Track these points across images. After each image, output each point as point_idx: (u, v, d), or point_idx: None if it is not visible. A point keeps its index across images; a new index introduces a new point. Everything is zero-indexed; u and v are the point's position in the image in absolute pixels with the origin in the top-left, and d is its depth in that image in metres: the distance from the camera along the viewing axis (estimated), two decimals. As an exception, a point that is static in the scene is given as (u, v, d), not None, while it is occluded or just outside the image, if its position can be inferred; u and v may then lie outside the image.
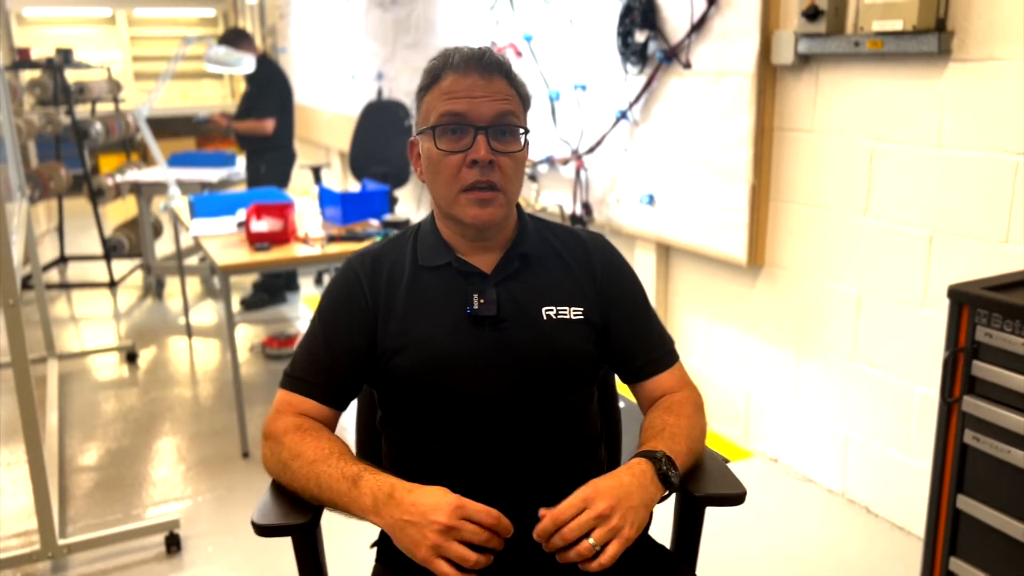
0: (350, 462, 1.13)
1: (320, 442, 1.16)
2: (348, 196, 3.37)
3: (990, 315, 1.67)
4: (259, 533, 1.13)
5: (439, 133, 1.19)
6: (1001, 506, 1.70)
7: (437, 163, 1.20)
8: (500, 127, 1.19)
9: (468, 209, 1.20)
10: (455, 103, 1.18)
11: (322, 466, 1.13)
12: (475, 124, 1.18)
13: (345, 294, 1.26)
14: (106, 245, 5.26)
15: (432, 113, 1.20)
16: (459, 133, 1.19)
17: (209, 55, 4.18)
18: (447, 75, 1.19)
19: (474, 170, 1.18)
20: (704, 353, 3.12)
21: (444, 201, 1.23)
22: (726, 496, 1.20)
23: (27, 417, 2.15)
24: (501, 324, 1.22)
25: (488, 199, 1.19)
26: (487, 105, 1.18)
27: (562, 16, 3.43)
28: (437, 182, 1.22)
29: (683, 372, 1.35)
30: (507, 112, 1.19)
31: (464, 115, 1.18)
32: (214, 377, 3.81)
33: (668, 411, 1.26)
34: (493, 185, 1.19)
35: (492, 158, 1.18)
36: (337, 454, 1.14)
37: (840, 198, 2.46)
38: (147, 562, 2.37)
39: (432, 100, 1.21)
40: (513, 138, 1.21)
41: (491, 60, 1.20)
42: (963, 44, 2.06)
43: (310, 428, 1.19)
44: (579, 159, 3.45)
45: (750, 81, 2.59)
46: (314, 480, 1.13)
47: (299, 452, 1.15)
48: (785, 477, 2.76)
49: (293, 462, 1.15)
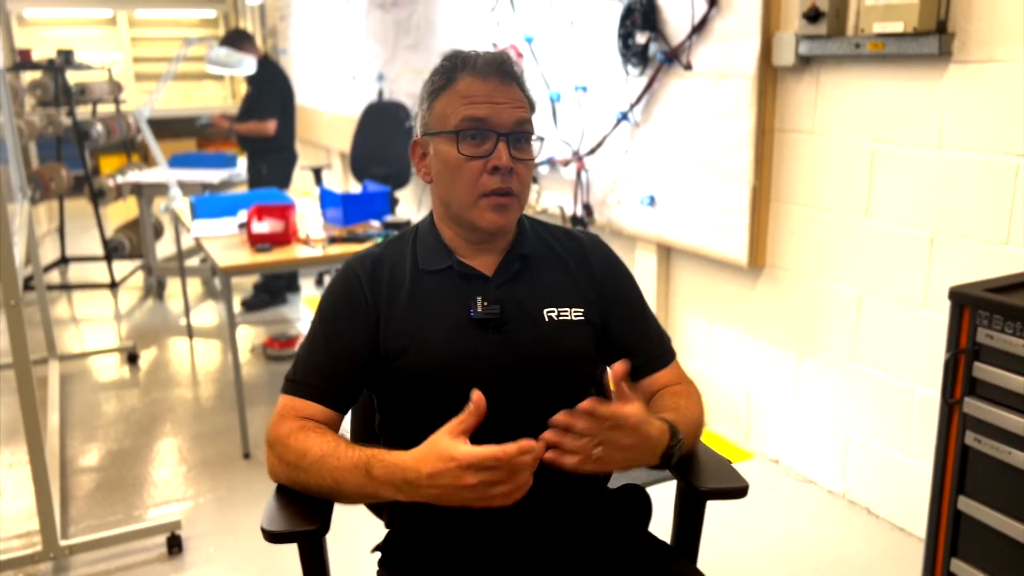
0: (356, 450, 1.11)
1: (324, 437, 1.15)
2: (349, 197, 3.37)
3: (991, 317, 1.67)
4: (269, 540, 1.11)
5: (462, 138, 1.19)
6: (1002, 507, 1.70)
7: (457, 168, 1.20)
8: (519, 134, 1.20)
9: (486, 214, 1.21)
10: (476, 108, 1.18)
11: (332, 460, 1.11)
12: (497, 130, 1.19)
13: (346, 296, 1.26)
14: (107, 246, 5.26)
15: (452, 116, 1.20)
16: (480, 138, 1.19)
17: (210, 56, 4.18)
18: (464, 77, 1.20)
19: (495, 176, 1.19)
20: (705, 354, 3.12)
21: (460, 205, 1.23)
22: (729, 489, 1.20)
23: (28, 418, 2.15)
24: (504, 326, 1.22)
25: (506, 204, 1.21)
26: (507, 112, 1.19)
27: (563, 17, 3.43)
28: (456, 185, 1.22)
29: (680, 369, 1.36)
30: (525, 120, 1.21)
31: (486, 121, 1.18)
32: (215, 378, 3.82)
33: (677, 396, 1.28)
34: (511, 191, 1.20)
35: (512, 165, 1.19)
36: (344, 445, 1.13)
37: (841, 199, 2.46)
38: (149, 563, 2.37)
39: (449, 102, 1.20)
40: (529, 146, 1.23)
41: (511, 67, 1.22)
42: (964, 46, 2.07)
43: (313, 428, 1.18)
44: (580, 160, 3.46)
45: (751, 83, 2.60)
46: (328, 476, 1.11)
47: (305, 451, 1.13)
48: (786, 478, 2.76)
49: (302, 461, 1.13)
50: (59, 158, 5.73)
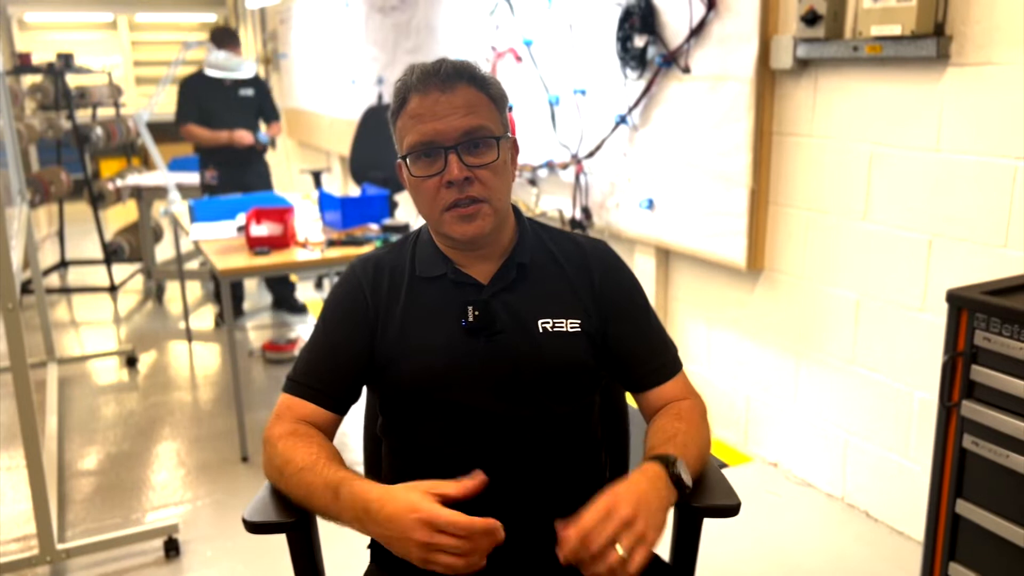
0: (334, 469, 1.11)
1: (310, 447, 1.15)
2: (348, 200, 3.37)
3: (989, 319, 1.67)
4: (249, 530, 1.13)
5: (411, 160, 1.19)
6: (1000, 511, 1.70)
7: (416, 188, 1.21)
8: (470, 141, 1.17)
9: (455, 227, 1.20)
10: (421, 126, 1.17)
11: (308, 475, 1.11)
12: (443, 144, 1.17)
13: (347, 298, 1.26)
14: (106, 249, 5.27)
15: (404, 139, 1.20)
16: (431, 156, 1.18)
17: (209, 60, 4.18)
18: (411, 97, 1.18)
19: (452, 190, 1.18)
20: (704, 357, 3.12)
21: (430, 222, 1.25)
22: (720, 507, 1.18)
23: (26, 421, 2.15)
24: (496, 335, 1.21)
25: (471, 214, 1.19)
26: (453, 121, 1.16)
27: (562, 21, 3.43)
28: (420, 204, 1.24)
29: (687, 381, 1.32)
30: (475, 124, 1.17)
31: (431, 137, 1.17)
32: (214, 381, 3.81)
33: (677, 418, 1.24)
34: (475, 199, 1.18)
35: (468, 175, 1.17)
36: (324, 460, 1.13)
37: (839, 202, 2.46)
38: (146, 567, 2.36)
39: (403, 124, 1.20)
40: (487, 148, 1.19)
41: (448, 70, 1.17)
42: (961, 49, 2.07)
43: (303, 434, 1.18)
44: (579, 163, 3.46)
45: (749, 86, 2.60)
46: (304, 489, 1.12)
47: (289, 458, 1.14)
48: (784, 481, 2.76)
49: (285, 468, 1.14)
50: (59, 162, 5.73)
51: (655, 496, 1.07)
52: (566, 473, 1.23)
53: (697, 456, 1.19)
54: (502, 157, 1.21)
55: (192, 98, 4.39)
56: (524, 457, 1.20)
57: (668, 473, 1.11)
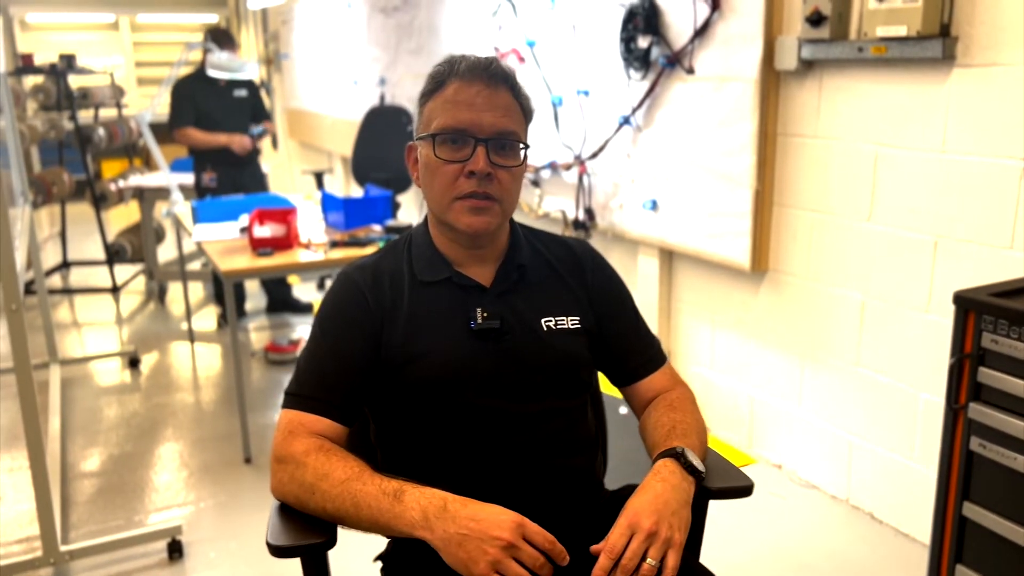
0: (386, 478, 1.09)
1: (347, 460, 1.12)
2: (351, 201, 3.37)
3: (996, 321, 1.66)
4: (276, 555, 1.10)
5: (439, 141, 1.19)
6: (1007, 513, 1.69)
7: (434, 170, 1.21)
8: (501, 140, 1.19)
9: (462, 216, 1.20)
10: (457, 113, 1.18)
11: (356, 484, 1.08)
12: (476, 135, 1.18)
13: (350, 306, 1.24)
14: (109, 250, 5.27)
15: (433, 120, 1.20)
16: (459, 143, 1.19)
17: (211, 61, 4.18)
18: (452, 82, 1.19)
19: (471, 180, 1.18)
20: (707, 359, 3.11)
21: (438, 207, 1.23)
22: (734, 488, 1.21)
23: (29, 423, 2.15)
24: (504, 337, 1.23)
25: (483, 207, 1.20)
26: (490, 117, 1.18)
27: (565, 22, 3.43)
28: (432, 187, 1.22)
29: (673, 370, 1.38)
30: (509, 127, 1.20)
31: (466, 126, 1.18)
32: (216, 382, 3.81)
33: (671, 408, 1.28)
34: (488, 196, 1.19)
35: (491, 171, 1.18)
36: (369, 472, 1.11)
37: (844, 204, 2.46)
38: (149, 568, 2.36)
39: (435, 107, 1.21)
40: (513, 152, 1.21)
41: (497, 70, 1.20)
42: (967, 50, 2.06)
43: (332, 449, 1.15)
44: (582, 164, 3.45)
45: (753, 87, 2.59)
46: (349, 499, 1.08)
47: (326, 472, 1.10)
48: (789, 483, 2.75)
49: (322, 483, 1.10)
50: (61, 162, 5.73)
51: (673, 496, 1.10)
52: (571, 469, 1.25)
53: (699, 442, 1.24)
54: (523, 166, 1.24)
55: (189, 101, 4.34)
56: (533, 453, 1.22)
57: (682, 465, 1.15)
